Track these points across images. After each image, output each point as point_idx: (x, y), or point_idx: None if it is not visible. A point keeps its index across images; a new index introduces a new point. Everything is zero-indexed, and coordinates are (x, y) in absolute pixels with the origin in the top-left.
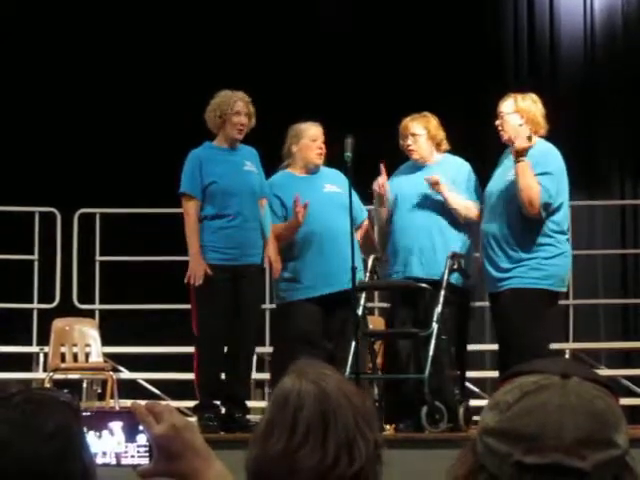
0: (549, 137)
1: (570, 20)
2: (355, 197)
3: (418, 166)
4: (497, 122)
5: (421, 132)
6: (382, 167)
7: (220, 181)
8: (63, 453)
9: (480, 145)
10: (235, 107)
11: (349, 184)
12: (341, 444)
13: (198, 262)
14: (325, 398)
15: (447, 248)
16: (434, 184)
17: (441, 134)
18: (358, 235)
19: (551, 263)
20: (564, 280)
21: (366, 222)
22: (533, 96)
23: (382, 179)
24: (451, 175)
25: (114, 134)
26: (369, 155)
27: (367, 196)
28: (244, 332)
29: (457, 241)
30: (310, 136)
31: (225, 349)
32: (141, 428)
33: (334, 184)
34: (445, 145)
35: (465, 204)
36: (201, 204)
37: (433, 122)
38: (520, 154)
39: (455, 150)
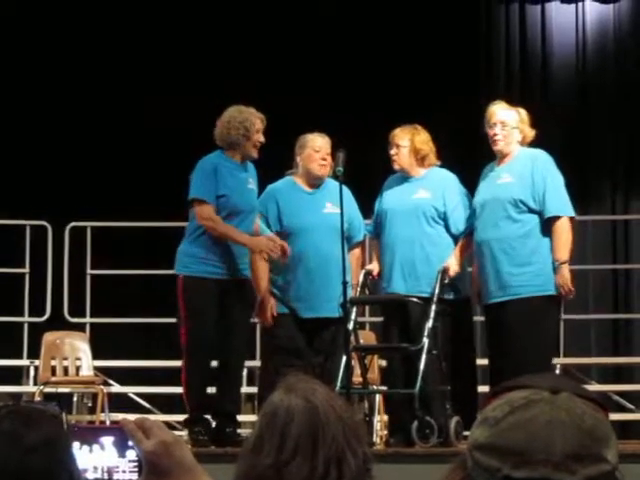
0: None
1: (561, 33)
2: (357, 214)
3: (403, 179)
4: (497, 130)
5: (404, 144)
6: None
7: (230, 196)
8: (50, 464)
9: (470, 157)
10: (256, 125)
11: (341, 200)
12: (330, 458)
13: (259, 241)
14: (314, 413)
15: (429, 262)
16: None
17: (426, 149)
18: (350, 257)
19: (546, 269)
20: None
21: (358, 249)
22: (523, 110)
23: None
24: (439, 189)
25: (106, 147)
26: (366, 166)
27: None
28: (234, 346)
29: (443, 255)
30: (313, 146)
31: (216, 363)
32: (131, 444)
33: (336, 204)
34: (431, 160)
35: (460, 248)
36: (216, 209)
37: (421, 136)
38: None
39: (445, 161)
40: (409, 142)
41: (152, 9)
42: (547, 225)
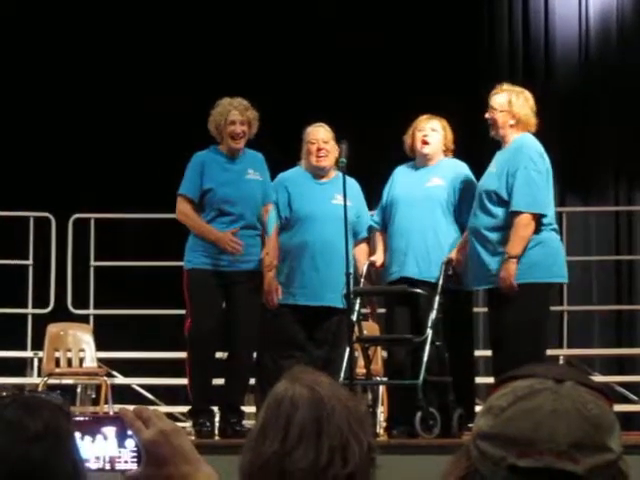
0: (544, 142)
1: (565, 25)
2: (365, 210)
3: (414, 168)
4: (487, 115)
5: (440, 130)
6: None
7: (218, 189)
8: (53, 453)
9: (474, 148)
10: (230, 117)
11: (344, 190)
12: (334, 446)
13: (223, 236)
14: (318, 402)
15: (441, 249)
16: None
17: (452, 145)
18: (356, 251)
19: (531, 254)
20: (550, 270)
21: (365, 243)
22: (526, 93)
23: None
24: (451, 178)
25: (109, 139)
26: (370, 157)
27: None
28: (241, 337)
29: (453, 243)
30: (310, 139)
31: (224, 355)
32: (130, 433)
33: (348, 197)
34: (450, 154)
35: (464, 239)
36: (197, 207)
37: (450, 130)
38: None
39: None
40: (443, 130)
41: (152, 6)
42: (512, 218)
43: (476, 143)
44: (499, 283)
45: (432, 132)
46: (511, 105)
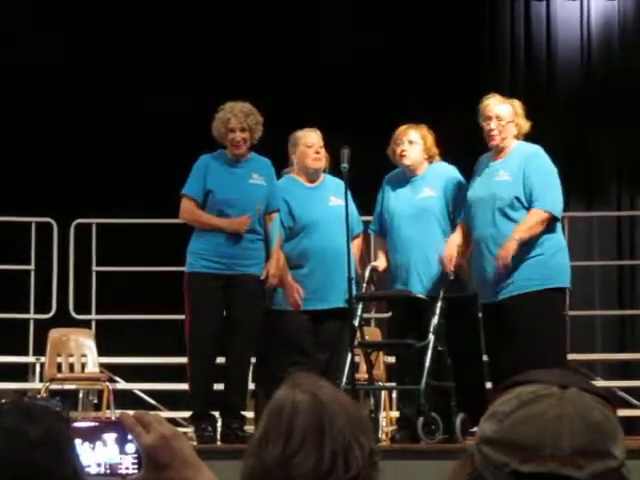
0: (546, 147)
1: (566, 29)
2: (353, 208)
3: (407, 178)
4: (492, 125)
5: (418, 140)
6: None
7: (219, 191)
8: (53, 459)
9: (475, 156)
10: (229, 125)
11: (346, 196)
12: (337, 450)
13: (232, 220)
14: (320, 406)
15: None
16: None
17: (435, 150)
18: (353, 248)
19: (558, 258)
20: (567, 275)
21: (359, 238)
22: (517, 101)
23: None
24: (443, 186)
25: (111, 144)
26: (367, 164)
27: (364, 205)
28: (240, 342)
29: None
30: (306, 143)
31: (223, 359)
32: (130, 438)
33: (339, 197)
34: (436, 160)
35: (456, 238)
36: (200, 208)
37: (430, 137)
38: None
39: (448, 158)
40: (422, 140)
41: (152, 6)
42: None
43: (475, 143)
44: (497, 260)
45: (409, 145)
46: (517, 115)
